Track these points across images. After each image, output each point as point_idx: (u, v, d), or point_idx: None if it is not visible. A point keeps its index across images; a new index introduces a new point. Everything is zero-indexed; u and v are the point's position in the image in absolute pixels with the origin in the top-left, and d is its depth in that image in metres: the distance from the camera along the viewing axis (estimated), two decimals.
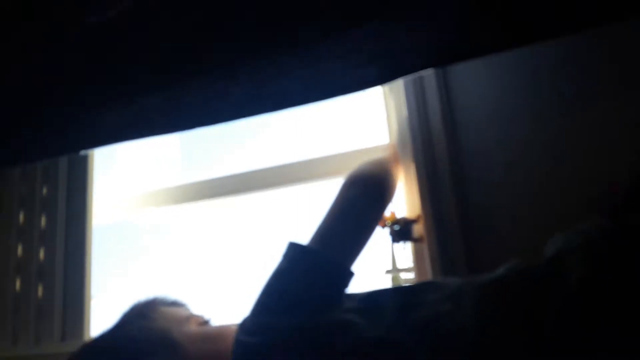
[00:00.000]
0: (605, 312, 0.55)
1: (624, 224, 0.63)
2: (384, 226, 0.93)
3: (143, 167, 1.38)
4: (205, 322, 0.77)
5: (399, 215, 0.93)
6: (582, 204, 0.81)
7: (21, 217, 1.21)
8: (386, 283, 0.96)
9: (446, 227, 0.88)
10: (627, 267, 0.56)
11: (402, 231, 0.92)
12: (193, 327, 0.74)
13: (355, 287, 0.73)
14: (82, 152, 1.18)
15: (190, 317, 0.76)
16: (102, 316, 1.16)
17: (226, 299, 1.19)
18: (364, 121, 1.17)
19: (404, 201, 0.95)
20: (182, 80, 0.79)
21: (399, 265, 0.96)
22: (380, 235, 0.93)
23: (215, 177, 1.18)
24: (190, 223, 1.33)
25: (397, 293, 0.70)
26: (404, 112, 0.94)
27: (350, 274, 0.72)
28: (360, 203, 0.78)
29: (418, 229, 0.92)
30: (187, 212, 1.28)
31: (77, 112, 0.89)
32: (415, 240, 0.93)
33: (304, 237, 0.75)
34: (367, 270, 0.94)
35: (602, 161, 0.83)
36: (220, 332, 0.75)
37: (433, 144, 0.91)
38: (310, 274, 0.69)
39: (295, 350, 0.63)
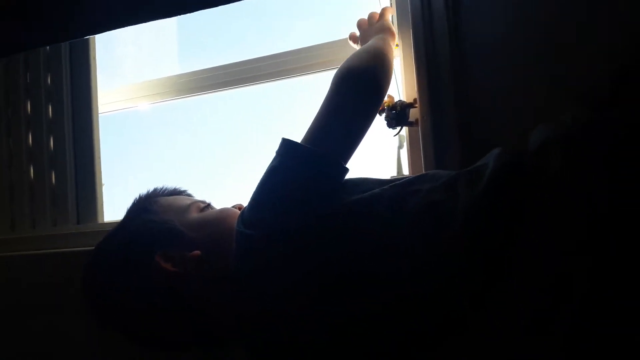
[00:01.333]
0: (580, 206, 0.57)
1: (604, 117, 0.64)
2: (381, 110, 0.94)
3: (141, 58, 1.38)
4: (206, 207, 0.79)
5: (396, 99, 0.94)
6: (575, 93, 0.81)
7: (28, 106, 1.23)
8: None
9: (442, 110, 0.89)
10: (600, 161, 0.58)
11: (398, 115, 0.94)
12: (194, 214, 0.76)
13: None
14: (83, 38, 1.17)
15: (191, 204, 0.78)
16: (113, 202, 1.23)
17: (229, 186, 1.24)
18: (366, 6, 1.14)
19: (400, 83, 0.96)
20: None
21: (405, 172, 0.97)
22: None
23: (212, 67, 1.18)
24: (192, 113, 1.36)
25: (392, 184, 0.71)
26: None
27: (344, 169, 0.72)
28: (353, 99, 0.76)
29: (414, 112, 0.93)
30: (188, 103, 1.30)
31: None
32: (411, 124, 0.94)
33: (302, 130, 0.75)
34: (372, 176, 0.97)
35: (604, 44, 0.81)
36: (220, 215, 0.77)
37: (433, 25, 0.90)
38: (301, 169, 0.70)
39: (293, 241, 0.66)
